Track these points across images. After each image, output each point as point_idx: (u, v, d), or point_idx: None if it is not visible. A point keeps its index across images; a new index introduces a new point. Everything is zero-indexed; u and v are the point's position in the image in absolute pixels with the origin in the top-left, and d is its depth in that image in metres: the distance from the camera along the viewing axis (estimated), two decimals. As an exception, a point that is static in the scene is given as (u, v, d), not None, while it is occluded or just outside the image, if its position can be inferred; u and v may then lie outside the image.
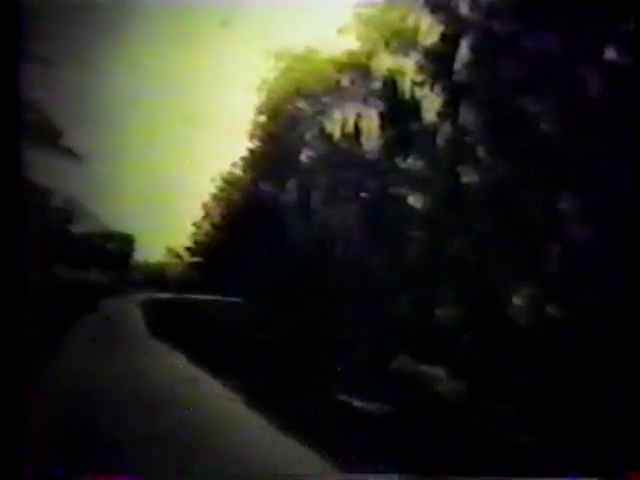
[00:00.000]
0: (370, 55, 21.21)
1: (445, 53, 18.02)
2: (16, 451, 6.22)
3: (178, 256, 32.38)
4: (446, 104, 18.20)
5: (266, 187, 27.71)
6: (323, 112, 23.96)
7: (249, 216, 27.96)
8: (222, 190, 31.23)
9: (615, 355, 10.34)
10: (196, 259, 31.84)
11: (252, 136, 28.81)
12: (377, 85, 21.02)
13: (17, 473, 6.14)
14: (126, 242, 28.86)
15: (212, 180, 31.31)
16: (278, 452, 8.19)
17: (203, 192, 31.36)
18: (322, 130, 23.74)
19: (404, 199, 19.35)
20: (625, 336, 8.56)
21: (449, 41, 17.99)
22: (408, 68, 19.40)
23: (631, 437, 7.29)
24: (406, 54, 19.62)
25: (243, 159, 30.01)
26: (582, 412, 9.94)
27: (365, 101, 21.62)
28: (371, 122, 21.12)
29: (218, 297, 27.93)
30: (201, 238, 31.65)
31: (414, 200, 19.08)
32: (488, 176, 16.40)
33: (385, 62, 20.39)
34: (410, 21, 19.30)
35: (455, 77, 17.74)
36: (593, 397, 10.33)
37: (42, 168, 17.46)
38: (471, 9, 17.30)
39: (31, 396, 7.23)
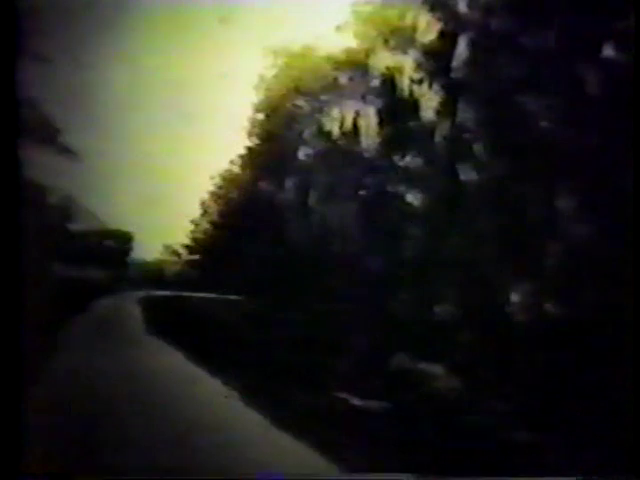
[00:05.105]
0: (368, 53, 21.21)
1: (443, 51, 18.02)
2: (16, 450, 6.23)
3: (176, 254, 32.47)
4: (444, 102, 18.20)
5: (264, 185, 27.73)
6: (321, 110, 23.96)
7: (247, 214, 27.99)
8: (220, 188, 31.30)
9: (614, 353, 10.36)
10: (194, 257, 31.91)
11: (250, 134, 28.88)
12: (375, 83, 21.02)
13: (16, 473, 6.15)
14: (124, 239, 28.91)
15: (210, 178, 31.42)
16: (276, 450, 8.19)
17: (201, 190, 31.49)
18: (320, 128, 23.75)
19: (402, 197, 19.37)
20: (624, 333, 8.58)
21: (447, 39, 17.99)
22: (406, 66, 19.40)
23: (631, 436, 7.30)
24: (404, 52, 19.62)
25: (241, 157, 30.08)
26: (581, 410, 9.97)
27: (363, 99, 21.62)
28: (369, 120, 21.12)
29: (216, 294, 27.96)
30: (199, 236, 31.72)
31: (412, 198, 19.09)
32: (486, 174, 16.40)
33: (383, 60, 20.39)
34: (408, 19, 19.31)
35: (453, 75, 17.75)
36: (592, 395, 10.35)
37: (40, 166, 17.45)
38: (469, 7, 17.31)
39: (30, 394, 7.23)
